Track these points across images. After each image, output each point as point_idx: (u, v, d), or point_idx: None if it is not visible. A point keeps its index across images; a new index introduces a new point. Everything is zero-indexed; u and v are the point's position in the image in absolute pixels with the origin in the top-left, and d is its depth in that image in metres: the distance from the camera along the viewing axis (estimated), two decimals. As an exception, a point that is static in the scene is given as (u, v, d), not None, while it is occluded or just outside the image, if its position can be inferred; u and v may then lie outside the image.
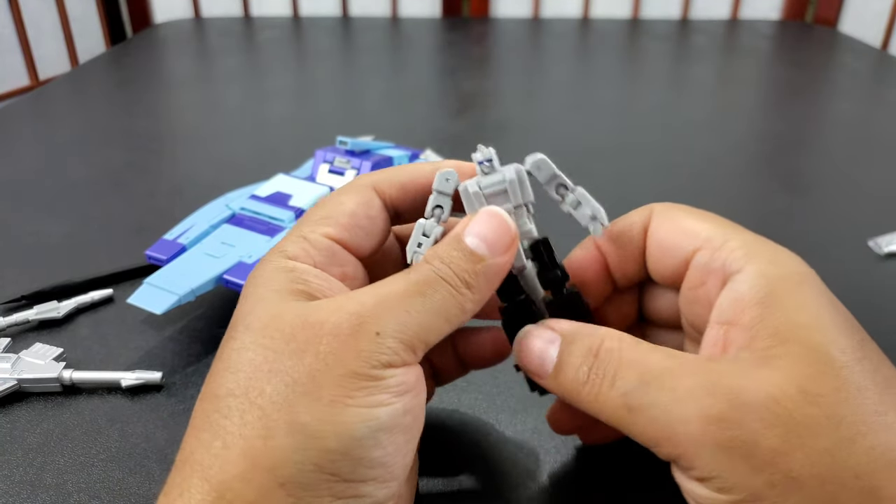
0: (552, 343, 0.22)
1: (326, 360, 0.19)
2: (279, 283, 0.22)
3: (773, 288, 0.20)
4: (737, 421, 0.18)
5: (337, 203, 0.24)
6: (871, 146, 0.68)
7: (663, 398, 0.19)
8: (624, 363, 0.21)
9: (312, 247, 0.23)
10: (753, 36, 1.16)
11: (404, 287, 0.21)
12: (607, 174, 0.60)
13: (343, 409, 0.19)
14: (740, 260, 0.21)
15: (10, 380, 0.33)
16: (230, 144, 0.67)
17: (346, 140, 0.45)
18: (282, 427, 0.18)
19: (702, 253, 0.22)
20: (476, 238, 0.22)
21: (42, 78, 1.21)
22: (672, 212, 0.24)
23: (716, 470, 0.18)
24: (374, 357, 0.19)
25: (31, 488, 0.28)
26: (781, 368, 0.19)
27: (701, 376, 0.19)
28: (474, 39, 1.13)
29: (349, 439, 0.18)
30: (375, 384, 0.19)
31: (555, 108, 0.80)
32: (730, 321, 0.21)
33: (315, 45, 1.10)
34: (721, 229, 0.23)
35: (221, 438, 0.19)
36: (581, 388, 0.21)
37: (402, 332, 0.20)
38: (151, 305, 0.34)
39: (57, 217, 0.51)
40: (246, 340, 0.20)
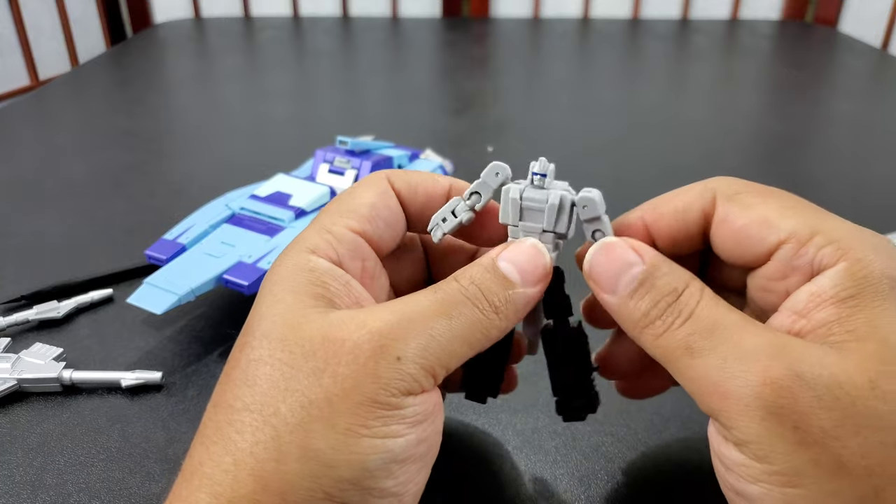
0: (633, 265, 0.21)
1: (344, 384, 0.19)
2: (298, 284, 0.21)
3: (860, 290, 0.19)
4: (793, 391, 0.18)
5: (356, 196, 0.24)
6: (871, 146, 0.68)
7: (726, 348, 0.19)
8: (700, 307, 0.20)
9: (336, 239, 0.22)
10: (753, 36, 1.16)
11: (429, 306, 0.20)
12: (607, 174, 0.60)
13: (357, 440, 0.18)
14: (830, 257, 0.20)
15: (10, 380, 0.33)
16: (230, 144, 0.67)
17: (346, 140, 0.45)
18: (294, 451, 0.18)
19: (787, 247, 0.21)
20: (510, 264, 0.22)
21: (42, 78, 1.21)
22: (743, 196, 0.22)
23: (758, 435, 0.18)
24: (392, 384, 0.19)
25: (32, 488, 0.28)
26: (853, 359, 0.18)
27: (770, 340, 0.19)
28: (474, 39, 1.13)
29: (361, 470, 0.18)
30: (391, 414, 0.19)
31: (555, 108, 0.80)
32: (803, 314, 0.20)
33: (315, 45, 1.10)
34: (806, 219, 0.21)
35: (233, 455, 0.19)
36: (651, 322, 0.20)
37: (424, 357, 0.19)
38: (151, 305, 0.34)
39: (57, 217, 0.51)
40: (263, 352, 0.20)
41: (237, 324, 0.39)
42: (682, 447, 0.30)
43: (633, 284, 0.21)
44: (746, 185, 0.22)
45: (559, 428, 0.31)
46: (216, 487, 0.18)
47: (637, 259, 0.21)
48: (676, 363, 0.20)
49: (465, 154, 0.62)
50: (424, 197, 0.24)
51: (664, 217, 0.23)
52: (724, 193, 0.22)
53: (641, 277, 0.21)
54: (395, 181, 0.24)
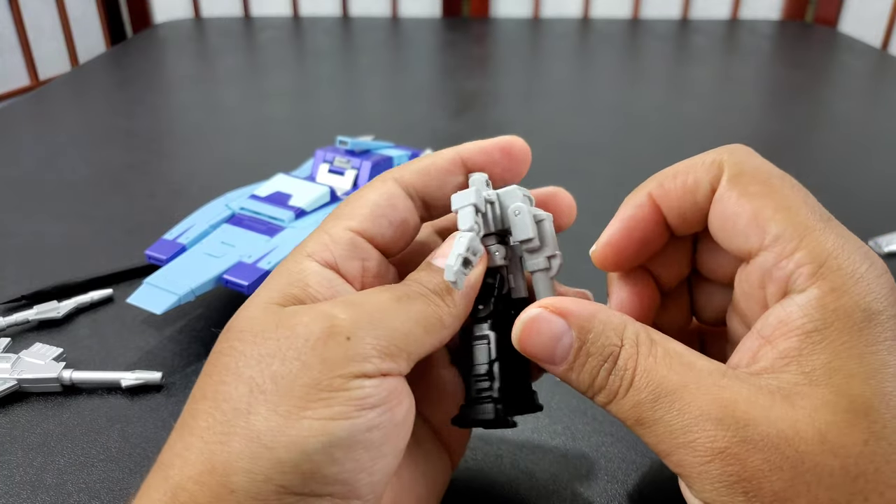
0: (563, 335, 0.21)
1: (291, 367, 0.19)
2: (276, 284, 0.21)
3: (827, 325, 0.18)
4: (741, 458, 0.17)
5: (358, 197, 0.23)
6: (871, 146, 0.68)
7: (671, 419, 0.19)
8: (639, 372, 0.19)
9: (332, 241, 0.22)
10: (753, 36, 1.16)
11: (384, 294, 0.21)
12: (607, 174, 0.60)
13: (296, 422, 0.18)
14: (805, 279, 0.19)
15: (10, 380, 0.33)
16: (230, 144, 0.67)
17: (346, 140, 0.45)
18: (238, 434, 0.18)
19: (768, 255, 0.20)
20: (441, 258, 0.22)
21: (42, 78, 1.21)
22: (746, 180, 0.21)
23: (715, 500, 0.18)
24: (340, 364, 0.19)
25: (32, 488, 0.28)
26: (803, 409, 0.18)
27: (713, 400, 0.18)
28: (474, 39, 1.13)
29: (299, 453, 0.18)
30: (335, 395, 0.18)
31: (555, 108, 0.80)
32: (769, 339, 0.19)
33: (315, 45, 1.10)
34: (796, 227, 0.19)
35: (184, 440, 0.19)
36: (597, 391, 0.20)
37: (378, 336, 0.19)
38: (151, 305, 0.34)
39: (57, 217, 0.51)
40: (224, 344, 0.20)
41: (237, 324, 0.39)
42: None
43: (569, 358, 0.21)
44: (754, 166, 0.21)
45: (559, 428, 0.31)
46: (168, 470, 0.19)
47: (564, 327, 0.21)
48: (633, 430, 0.20)
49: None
50: (440, 179, 0.24)
51: (672, 196, 0.23)
52: (729, 170, 0.21)
53: (577, 342, 0.20)
54: (405, 176, 0.24)
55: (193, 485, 0.18)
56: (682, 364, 0.19)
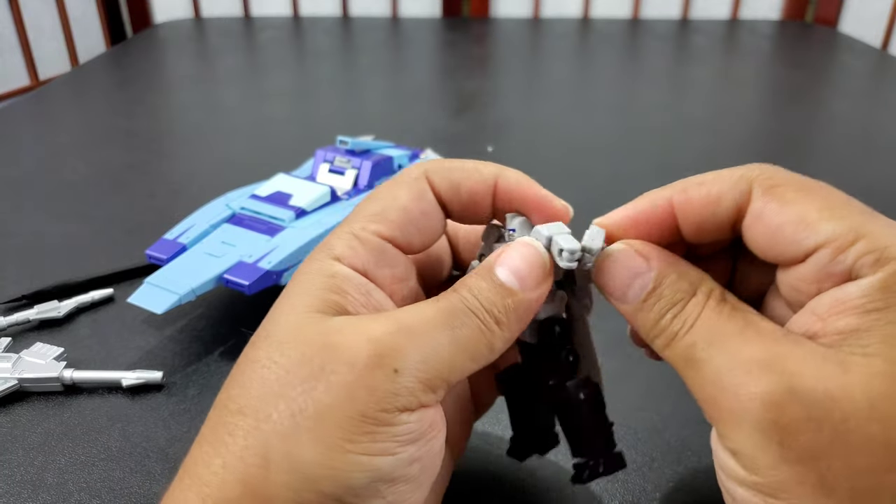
0: (642, 274, 0.21)
1: (338, 395, 0.18)
2: (313, 288, 0.20)
3: (889, 304, 0.18)
4: (782, 406, 0.17)
5: (390, 197, 0.22)
6: (871, 146, 0.68)
7: (720, 360, 0.19)
8: (702, 319, 0.20)
9: (362, 246, 0.21)
10: (753, 36, 1.16)
11: (433, 316, 0.20)
12: (607, 174, 0.60)
13: (343, 455, 0.18)
14: (869, 266, 0.18)
15: (11, 379, 0.33)
16: (230, 144, 0.67)
17: (347, 140, 0.45)
18: (281, 460, 0.18)
19: (824, 252, 0.19)
20: (507, 270, 0.21)
21: (42, 78, 1.21)
22: (782, 190, 0.20)
23: (746, 447, 0.18)
24: (387, 399, 0.18)
25: (32, 488, 0.28)
26: (857, 375, 0.17)
27: (766, 349, 0.18)
28: (474, 39, 1.13)
29: (345, 487, 0.18)
30: (382, 430, 0.18)
31: (555, 107, 0.80)
32: (823, 317, 0.19)
33: (315, 45, 1.10)
34: (849, 222, 0.19)
35: (223, 457, 0.18)
36: (660, 332, 0.20)
37: (424, 370, 0.19)
38: (152, 305, 0.34)
39: (57, 217, 0.51)
40: (261, 353, 0.19)
41: (238, 323, 0.39)
42: (681, 447, 0.30)
43: (641, 294, 0.21)
44: (787, 177, 0.21)
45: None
46: (204, 489, 0.18)
47: (644, 267, 0.21)
48: (682, 372, 0.20)
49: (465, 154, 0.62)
50: (468, 197, 0.23)
51: (694, 204, 0.22)
52: (761, 185, 0.21)
53: (651, 287, 0.21)
54: (436, 180, 0.23)
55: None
56: (745, 320, 0.19)
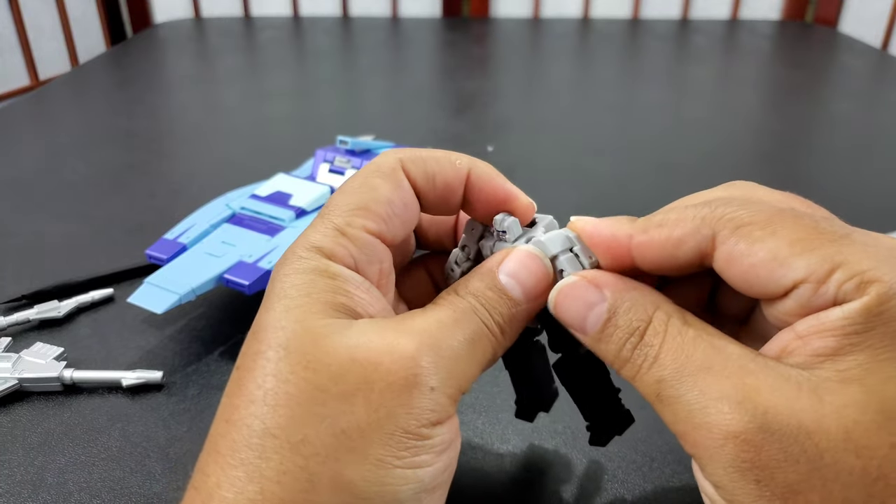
0: (596, 305, 0.21)
1: (378, 413, 0.18)
2: (316, 290, 0.20)
3: (870, 328, 0.18)
4: (757, 444, 0.17)
5: (369, 188, 0.22)
6: (871, 146, 0.68)
7: (690, 397, 0.19)
8: (665, 349, 0.20)
9: (351, 243, 0.21)
10: (753, 36, 1.16)
11: (452, 329, 0.20)
12: (607, 174, 0.60)
13: (390, 471, 0.18)
14: (852, 293, 0.18)
15: (11, 379, 0.33)
16: (230, 144, 0.67)
17: (347, 140, 0.45)
18: (325, 483, 0.18)
19: (805, 288, 0.19)
20: (511, 279, 0.22)
21: (42, 78, 1.21)
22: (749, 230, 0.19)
23: (726, 483, 0.18)
24: (424, 415, 0.19)
25: (32, 487, 0.28)
26: (830, 405, 0.17)
27: (737, 383, 0.18)
28: (474, 39, 1.13)
29: (394, 502, 0.18)
30: (422, 444, 0.19)
31: (555, 107, 0.80)
32: (802, 335, 0.19)
33: (315, 45, 1.10)
34: (822, 254, 0.18)
35: (258, 484, 0.18)
36: (623, 363, 0.20)
37: (451, 384, 0.20)
38: (152, 305, 0.34)
39: (57, 217, 0.51)
40: (283, 367, 0.19)
41: (238, 323, 0.39)
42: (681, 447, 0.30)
43: (598, 325, 0.21)
44: (750, 213, 0.20)
45: (559, 427, 0.31)
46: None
47: (598, 297, 0.21)
48: (653, 406, 0.20)
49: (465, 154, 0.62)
50: (443, 188, 0.23)
51: (653, 246, 0.21)
52: (725, 227, 0.20)
53: (606, 317, 0.21)
54: (411, 169, 0.23)
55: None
56: (711, 347, 0.19)
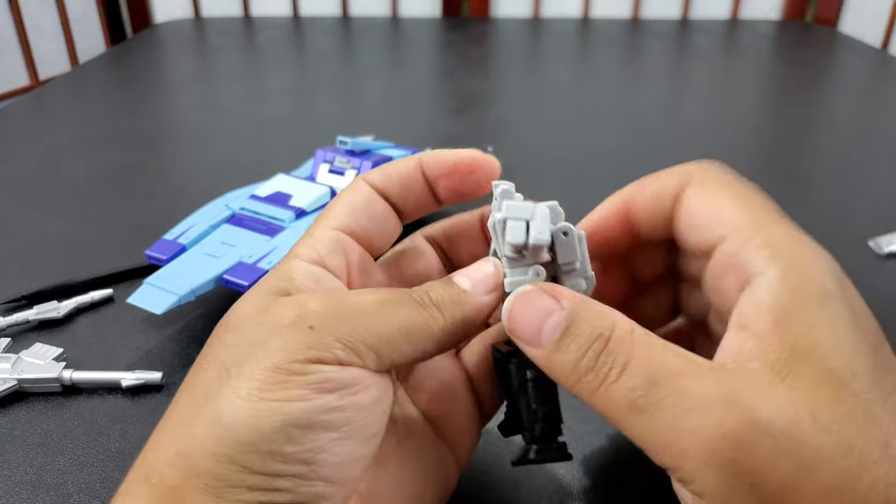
0: (553, 313, 0.20)
1: (255, 352, 0.19)
2: (266, 281, 0.22)
3: (795, 298, 0.19)
4: (750, 442, 0.17)
5: (335, 200, 0.25)
6: (871, 146, 0.68)
7: (674, 401, 0.18)
8: (635, 356, 0.19)
9: (317, 240, 0.23)
10: (753, 36, 1.16)
11: (369, 295, 0.21)
12: (607, 174, 0.60)
13: (255, 403, 0.19)
14: (762, 262, 0.20)
15: (11, 380, 0.33)
16: (230, 144, 0.67)
17: (347, 140, 0.45)
18: (204, 416, 0.19)
19: (727, 243, 0.21)
20: (463, 276, 0.23)
21: (42, 78, 1.21)
22: (711, 184, 0.22)
23: (717, 490, 0.17)
24: (299, 350, 0.19)
25: (32, 488, 0.28)
26: (796, 389, 0.17)
27: (717, 384, 0.18)
28: (474, 39, 1.13)
29: (257, 433, 0.18)
30: (293, 378, 0.19)
31: (555, 108, 0.80)
32: (746, 326, 0.19)
33: (315, 45, 1.10)
34: (753, 218, 0.21)
35: (161, 427, 0.20)
36: (582, 375, 0.19)
37: (343, 332, 0.20)
38: (151, 305, 0.34)
39: (57, 217, 0.51)
40: (212, 337, 0.21)
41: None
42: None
43: (556, 334, 0.20)
44: (720, 174, 0.22)
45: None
46: (146, 455, 0.19)
47: (555, 306, 0.20)
48: (622, 421, 0.19)
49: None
50: (399, 181, 0.25)
51: (640, 199, 0.24)
52: (696, 178, 0.23)
53: (567, 320, 0.20)
54: (369, 177, 0.25)
55: (165, 467, 0.19)
56: (677, 353, 0.19)
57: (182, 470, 0.18)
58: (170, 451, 0.19)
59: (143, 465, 0.19)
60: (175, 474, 0.18)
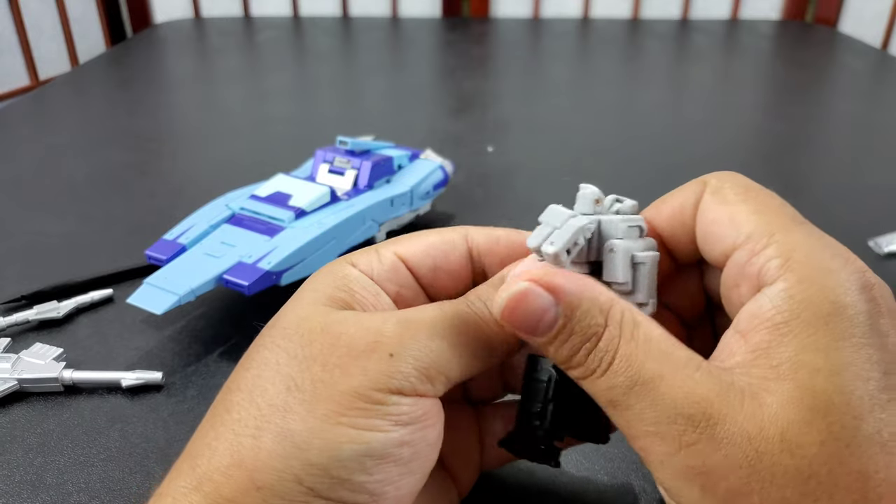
0: (549, 309, 0.20)
1: (333, 373, 0.19)
2: (323, 286, 0.22)
3: (795, 316, 0.18)
4: (705, 454, 0.18)
5: (421, 234, 0.24)
6: (871, 146, 0.68)
7: (643, 408, 0.19)
8: (619, 356, 0.19)
9: (378, 259, 0.23)
10: (753, 36, 1.16)
11: (434, 314, 0.21)
12: (607, 174, 0.60)
13: (333, 426, 0.18)
14: (775, 271, 0.19)
15: (11, 380, 0.33)
16: (230, 144, 0.67)
17: (346, 140, 0.45)
18: (271, 430, 0.18)
19: (740, 252, 0.20)
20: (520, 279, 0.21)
21: (42, 78, 1.21)
22: (725, 191, 0.21)
23: (674, 489, 0.18)
24: (381, 380, 0.19)
25: (32, 488, 0.28)
26: (769, 406, 0.18)
27: (687, 394, 0.18)
28: (474, 39, 1.13)
29: (332, 458, 0.18)
30: (374, 408, 0.19)
31: (555, 108, 0.80)
32: (744, 333, 0.19)
33: (315, 45, 1.10)
34: (768, 225, 0.20)
35: (216, 430, 0.19)
36: (577, 366, 0.20)
37: (420, 358, 0.19)
38: (151, 305, 0.34)
39: (57, 217, 0.51)
40: (267, 339, 0.20)
41: (237, 324, 0.39)
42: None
43: (551, 332, 0.20)
44: (734, 181, 0.22)
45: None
46: (196, 459, 0.19)
47: (550, 302, 0.20)
48: (604, 408, 0.20)
49: (465, 154, 0.62)
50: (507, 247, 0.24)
51: (663, 216, 0.23)
52: (712, 186, 0.22)
53: (560, 324, 0.20)
54: (474, 235, 0.24)
55: (220, 476, 0.18)
56: (660, 352, 0.19)
57: (240, 482, 0.18)
58: (227, 459, 0.18)
59: (194, 469, 0.19)
60: (231, 485, 0.18)
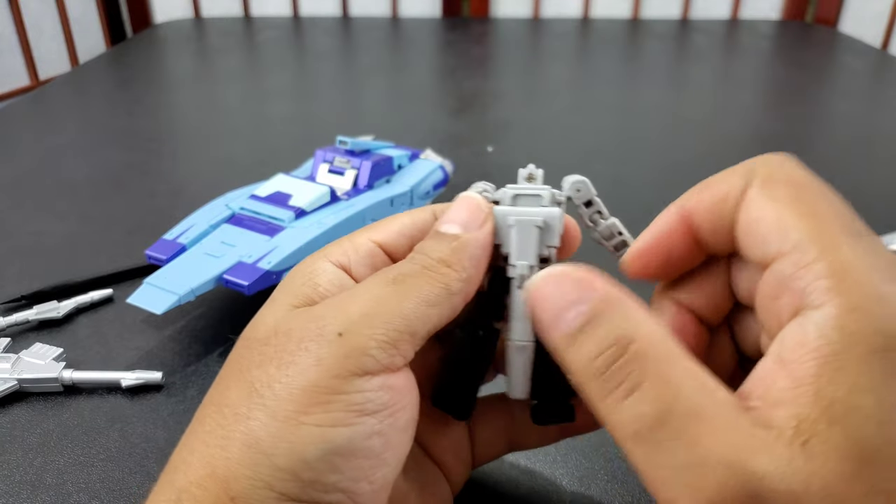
0: (580, 302, 0.18)
1: (288, 371, 0.18)
2: (291, 285, 0.21)
3: (847, 348, 0.16)
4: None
5: (392, 217, 0.24)
6: (871, 146, 0.68)
7: (677, 448, 0.16)
8: (650, 378, 0.17)
9: (353, 247, 0.22)
10: (753, 36, 1.16)
11: (377, 278, 0.20)
12: (607, 174, 0.60)
13: (296, 428, 0.18)
14: (821, 293, 0.17)
15: (10, 380, 0.33)
16: (230, 144, 0.67)
17: (346, 140, 0.45)
18: (238, 438, 0.18)
19: (785, 262, 0.18)
20: (448, 223, 0.21)
21: (42, 78, 1.21)
22: (774, 185, 0.19)
23: None
24: (336, 365, 0.18)
25: (32, 488, 0.28)
26: (816, 457, 0.16)
27: (730, 441, 0.16)
28: (474, 39, 1.13)
29: (299, 461, 0.17)
30: (335, 399, 0.18)
31: (555, 108, 0.80)
32: (786, 363, 0.17)
33: (315, 45, 1.10)
34: (819, 235, 0.17)
35: (189, 444, 0.19)
36: (592, 378, 0.18)
37: (372, 325, 0.19)
38: (151, 305, 0.34)
39: (57, 217, 0.51)
40: (235, 351, 0.20)
41: (237, 324, 0.39)
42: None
43: (578, 320, 0.18)
44: (787, 171, 0.19)
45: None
46: (173, 475, 0.19)
47: (583, 294, 0.18)
48: (622, 442, 0.17)
49: (465, 154, 0.62)
50: None
51: (703, 205, 0.21)
52: (760, 176, 0.19)
53: (590, 314, 0.18)
54: (440, 211, 0.23)
55: (196, 489, 0.18)
56: (702, 387, 0.17)
57: (215, 493, 0.18)
58: (200, 471, 0.18)
59: (172, 484, 0.18)
60: (207, 497, 0.18)
